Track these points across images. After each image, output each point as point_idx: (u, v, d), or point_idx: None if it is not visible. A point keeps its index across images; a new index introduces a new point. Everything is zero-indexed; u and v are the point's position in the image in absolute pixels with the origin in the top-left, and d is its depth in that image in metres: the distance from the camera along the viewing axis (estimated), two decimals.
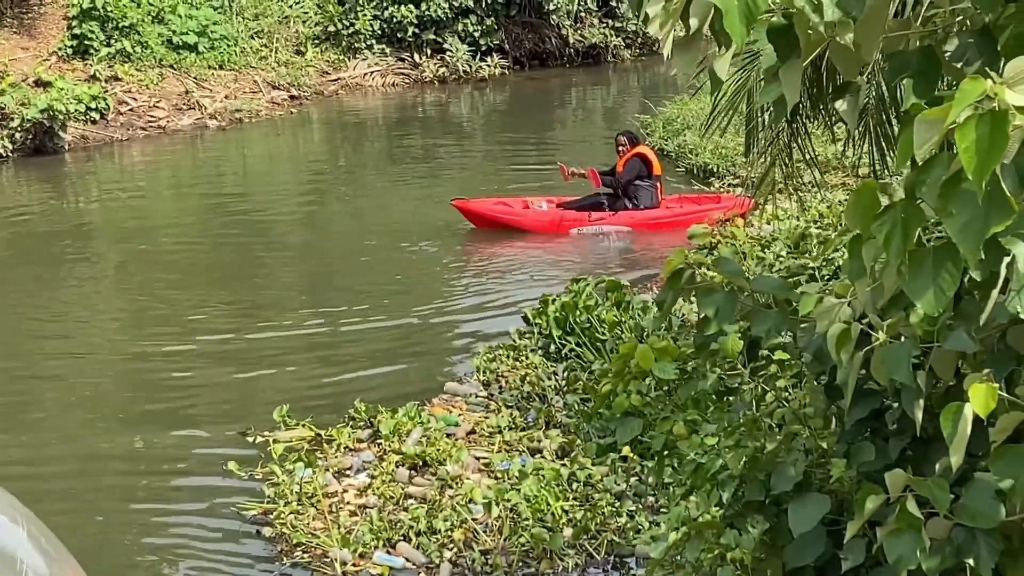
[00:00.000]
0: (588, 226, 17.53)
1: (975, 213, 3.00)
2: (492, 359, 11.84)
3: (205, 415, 11.58)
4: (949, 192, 3.05)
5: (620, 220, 17.45)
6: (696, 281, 5.03)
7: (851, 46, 3.35)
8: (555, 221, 17.75)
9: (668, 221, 17.36)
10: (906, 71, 3.49)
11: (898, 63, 3.52)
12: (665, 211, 17.53)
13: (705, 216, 16.26)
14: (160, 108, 27.56)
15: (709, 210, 16.85)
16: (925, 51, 3.49)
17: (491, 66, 33.09)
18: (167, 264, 16.99)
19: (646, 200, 17.52)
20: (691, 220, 16.11)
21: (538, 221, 17.84)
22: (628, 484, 9.03)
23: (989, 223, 2.99)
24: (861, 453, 4.64)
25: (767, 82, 3.63)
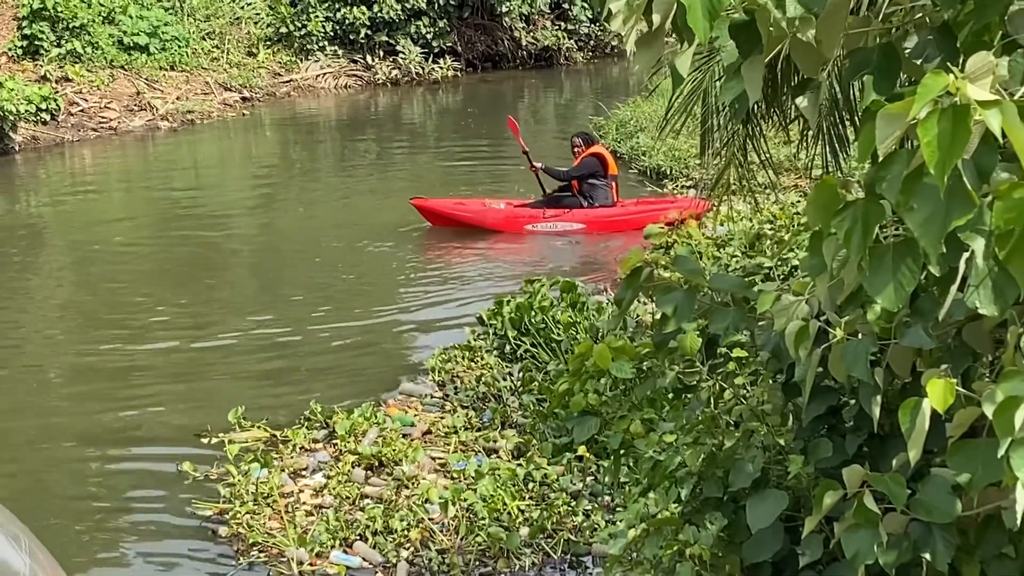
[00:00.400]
0: (543, 223, 17.59)
1: (937, 207, 3.02)
2: (447, 360, 11.84)
3: (159, 417, 11.51)
4: (911, 187, 3.07)
5: (575, 217, 17.52)
6: (654, 279, 5.06)
7: (812, 42, 3.37)
8: (511, 219, 17.82)
9: (623, 220, 17.45)
10: (866, 68, 3.51)
11: (858, 60, 3.54)
12: (620, 210, 17.60)
13: (660, 215, 16.35)
14: (111, 109, 27.41)
15: (664, 209, 16.92)
16: (885, 48, 3.52)
17: (444, 68, 33.08)
18: (119, 266, 16.89)
19: (601, 199, 17.59)
20: (646, 219, 16.30)
21: (494, 219, 17.88)
22: (584, 483, 9.05)
23: (951, 217, 3.02)
24: (819, 449, 4.67)
25: (728, 79, 3.64)
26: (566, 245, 17.32)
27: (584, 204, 17.65)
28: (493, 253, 17.26)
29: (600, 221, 17.55)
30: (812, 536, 4.39)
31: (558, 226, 17.54)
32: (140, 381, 12.52)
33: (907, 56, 3.55)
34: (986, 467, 3.55)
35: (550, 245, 17.39)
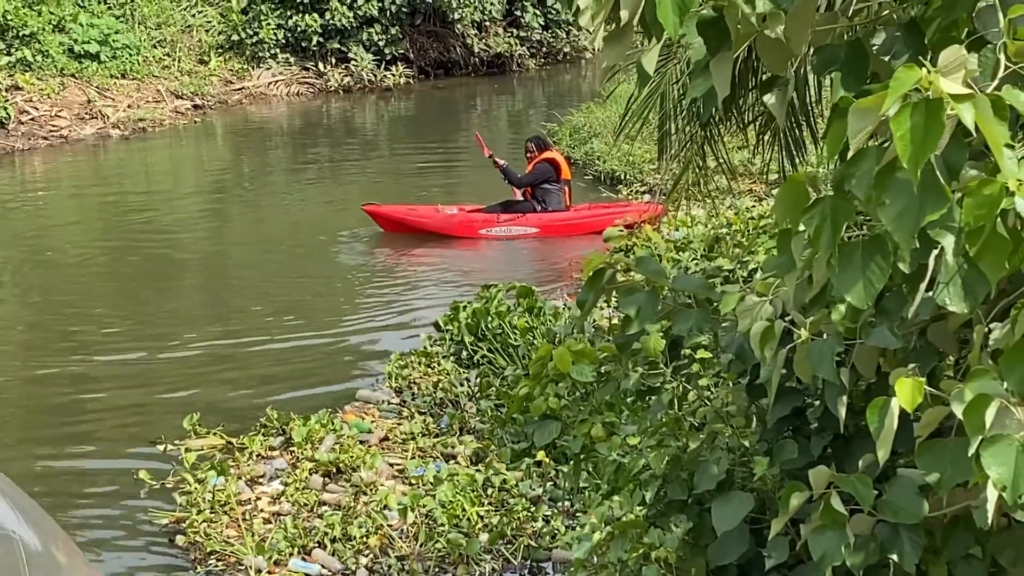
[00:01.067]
0: (498, 227, 17.62)
1: (910, 202, 3.01)
2: (404, 366, 11.78)
3: (112, 426, 11.42)
4: (883, 182, 3.06)
5: (529, 222, 17.59)
6: (617, 281, 5.03)
7: (781, 38, 3.35)
8: (465, 224, 17.82)
9: (576, 223, 17.55)
10: (834, 64, 3.50)
11: (826, 56, 3.53)
12: (574, 214, 17.66)
13: (614, 219, 16.24)
14: (62, 117, 27.19)
15: (618, 213, 16.99)
16: (853, 44, 3.50)
17: (396, 75, 33.01)
18: (69, 275, 16.74)
19: (554, 203, 17.67)
20: (599, 223, 16.61)
21: (447, 224, 17.87)
22: (544, 489, 9.01)
23: (924, 212, 3.01)
24: (784, 451, 4.65)
25: (695, 76, 3.63)
26: (520, 250, 17.31)
27: (537, 208, 17.68)
28: (447, 259, 17.23)
29: (553, 225, 17.59)
30: (778, 538, 4.37)
31: (512, 230, 17.56)
32: (92, 390, 12.39)
33: (875, 53, 3.54)
34: (955, 466, 3.53)
35: (504, 250, 17.39)
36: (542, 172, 17.64)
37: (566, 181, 17.81)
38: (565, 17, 35.75)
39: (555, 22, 35.85)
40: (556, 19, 35.78)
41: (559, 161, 17.81)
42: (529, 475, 9.12)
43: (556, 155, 17.96)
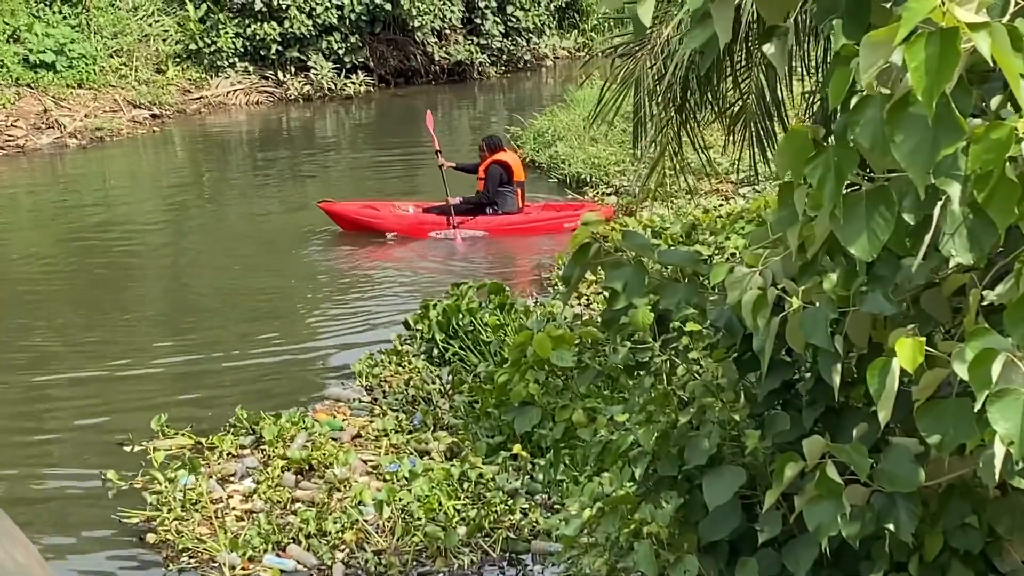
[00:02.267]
0: (447, 229, 17.73)
1: (924, 136, 2.94)
2: (374, 364, 11.72)
3: (75, 431, 11.27)
4: (895, 117, 2.99)
5: (478, 225, 17.72)
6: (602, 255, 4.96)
7: None
8: (415, 224, 17.96)
9: (525, 226, 17.71)
10: (835, 12, 3.43)
11: (827, 4, 3.46)
12: (523, 217, 17.78)
13: (563, 223, 17.18)
14: (18, 127, 26.89)
15: (567, 217, 17.38)
16: None
17: (356, 83, 32.83)
18: (27, 286, 16.48)
19: (505, 205, 17.78)
20: (548, 226, 17.48)
21: (399, 223, 18.02)
22: (521, 482, 8.93)
23: (939, 145, 2.94)
24: (776, 423, 4.59)
25: (694, 26, 3.55)
26: (471, 248, 17.34)
27: (489, 211, 17.80)
28: (409, 257, 17.29)
29: (503, 228, 17.73)
30: (771, 512, 4.31)
31: (462, 233, 17.65)
32: (54, 398, 12.22)
33: None
34: (958, 426, 3.48)
35: (467, 248, 17.40)
36: (495, 176, 17.71)
37: (519, 183, 17.85)
38: (525, 25, 35.73)
39: (515, 30, 35.79)
40: (516, 27, 35.73)
41: (510, 163, 17.82)
42: (505, 468, 9.04)
43: (508, 157, 17.96)
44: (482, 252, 17.31)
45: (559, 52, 38.08)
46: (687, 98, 8.04)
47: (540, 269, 15.88)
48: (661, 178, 9.71)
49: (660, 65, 7.98)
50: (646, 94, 8.33)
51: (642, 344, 5.15)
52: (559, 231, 17.19)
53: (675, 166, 9.01)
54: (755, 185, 15.94)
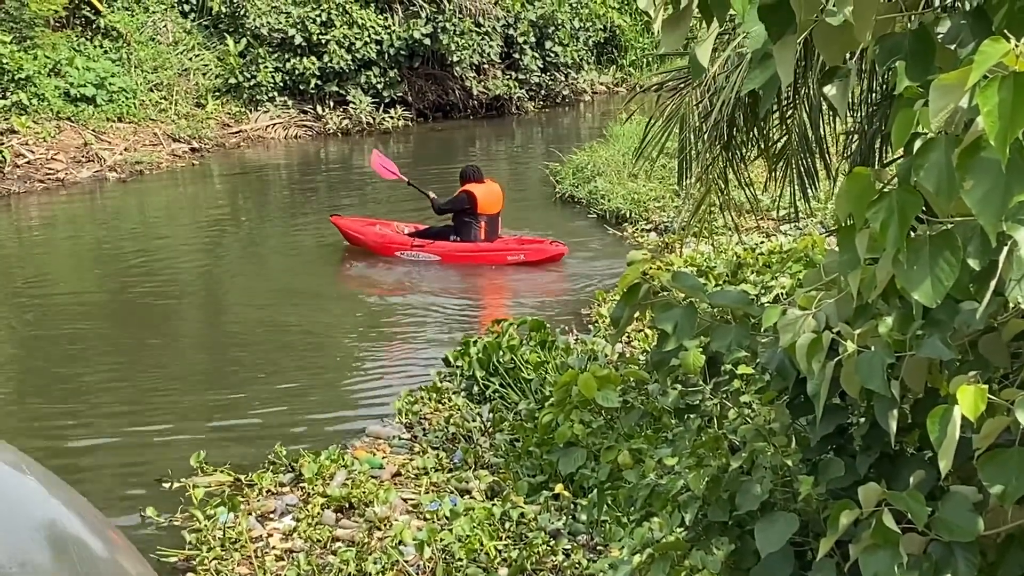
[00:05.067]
0: (408, 251, 18.82)
1: (996, 181, 2.86)
2: (414, 401, 11.67)
3: (114, 465, 11.24)
4: (966, 163, 2.91)
5: (434, 249, 18.74)
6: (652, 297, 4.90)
7: (850, 19, 3.22)
8: (385, 244, 19.06)
9: (472, 255, 18.61)
10: (898, 54, 3.37)
11: (889, 45, 3.39)
12: (472, 247, 18.66)
13: (507, 256, 18.51)
14: (58, 161, 27.03)
15: (511, 251, 18.65)
16: (918, 33, 3.37)
17: (394, 118, 32.91)
18: (66, 319, 16.51)
19: (466, 234, 18.71)
20: (489, 258, 18.60)
21: (376, 240, 19.15)
22: (563, 522, 8.83)
23: (1012, 192, 2.86)
24: (829, 469, 4.50)
25: (754, 66, 3.49)
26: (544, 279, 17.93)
27: (451, 238, 18.75)
28: (468, 290, 17.65)
29: (453, 255, 18.66)
30: (825, 559, 4.22)
31: (419, 256, 18.76)
32: (92, 431, 12.20)
33: (940, 41, 3.42)
34: (1021, 477, 3.39)
35: (527, 280, 17.84)
36: (457, 202, 18.68)
37: (484, 215, 18.68)
38: (564, 60, 35.77)
39: (554, 65, 35.85)
40: (555, 62, 35.79)
41: (476, 195, 18.55)
42: (547, 508, 8.94)
43: (478, 189, 18.65)
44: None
45: (597, 87, 38.11)
46: (733, 135, 7.98)
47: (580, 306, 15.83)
48: (704, 215, 9.66)
49: (706, 102, 7.93)
50: (691, 131, 8.28)
51: (692, 386, 5.07)
52: (501, 262, 18.47)
53: (720, 203, 8.95)
54: (797, 223, 15.84)
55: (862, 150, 8.08)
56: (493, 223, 18.77)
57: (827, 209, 14.47)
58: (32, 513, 3.64)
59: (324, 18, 31.82)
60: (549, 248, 18.60)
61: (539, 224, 20.89)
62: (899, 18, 3.53)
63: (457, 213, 18.66)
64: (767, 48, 3.38)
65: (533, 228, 20.40)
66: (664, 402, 5.15)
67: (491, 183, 18.99)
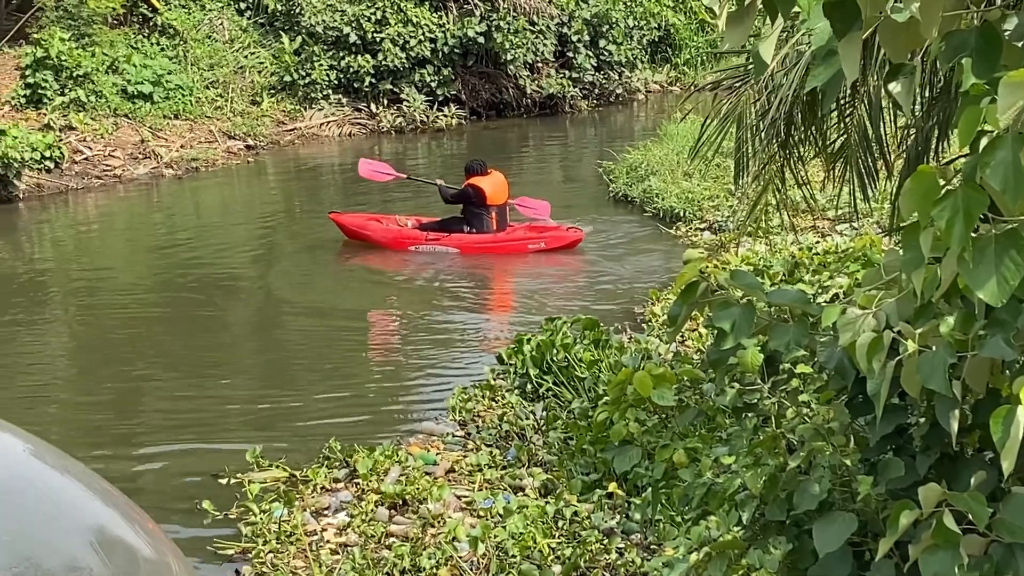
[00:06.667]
0: (424, 244, 19.13)
1: None
2: (467, 399, 11.69)
3: (170, 459, 11.31)
4: None
5: (451, 242, 19.06)
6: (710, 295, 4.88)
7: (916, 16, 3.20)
8: (397, 238, 19.37)
9: (491, 246, 19.07)
10: (964, 51, 3.35)
11: (956, 42, 3.37)
12: (489, 236, 19.17)
13: (527, 245, 19.02)
14: (115, 157, 27.22)
15: (532, 239, 19.13)
16: (984, 29, 3.34)
17: (448, 116, 32.92)
18: (122, 314, 16.65)
19: (478, 226, 19.14)
20: (515, 247, 19.09)
21: (384, 236, 19.44)
22: (617, 521, 8.82)
23: None
24: (889, 469, 4.48)
25: (817, 64, 3.48)
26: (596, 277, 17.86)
27: (465, 229, 19.11)
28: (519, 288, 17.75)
29: (471, 246, 19.01)
30: (884, 560, 4.20)
31: (436, 248, 19.06)
32: (147, 425, 12.32)
33: (1007, 38, 3.39)
34: None
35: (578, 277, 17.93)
36: (463, 195, 19.23)
37: (494, 206, 19.20)
38: (618, 58, 35.69)
39: (607, 63, 35.77)
40: (608, 60, 35.71)
41: (482, 188, 19.08)
42: (601, 507, 8.93)
43: (484, 181, 19.14)
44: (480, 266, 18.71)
45: (651, 86, 38.01)
46: (791, 134, 7.94)
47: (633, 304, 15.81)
48: (759, 214, 9.62)
49: (764, 100, 7.90)
50: (748, 129, 8.25)
51: (750, 385, 5.05)
52: (523, 251, 19.00)
53: (777, 202, 8.91)
54: (852, 222, 15.75)
55: (918, 145, 8.03)
56: (502, 213, 19.41)
57: (883, 209, 14.36)
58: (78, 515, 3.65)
59: (379, 16, 31.88)
60: (568, 234, 19.17)
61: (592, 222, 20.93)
62: (965, 15, 3.51)
63: (467, 205, 19.17)
64: (831, 45, 3.36)
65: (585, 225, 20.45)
66: (720, 401, 5.13)
67: (495, 174, 19.54)
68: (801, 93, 7.33)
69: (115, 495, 3.93)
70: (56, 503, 3.61)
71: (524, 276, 18.15)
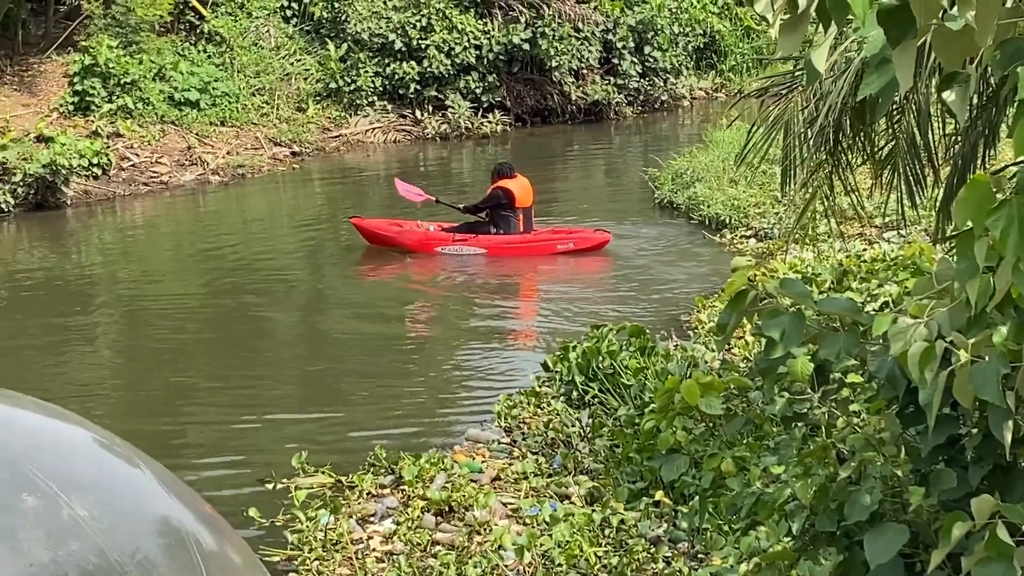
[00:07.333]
0: (452, 246, 19.31)
1: None
2: (513, 406, 11.67)
3: (216, 466, 11.37)
4: None
5: (478, 243, 19.26)
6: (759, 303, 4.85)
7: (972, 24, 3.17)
8: (423, 240, 19.56)
9: (519, 247, 19.36)
10: (1019, 59, 3.32)
11: (1011, 50, 3.34)
12: (519, 238, 19.42)
13: (556, 245, 19.28)
14: (162, 164, 27.38)
15: (560, 239, 19.44)
16: None
17: (493, 123, 32.94)
18: (167, 322, 16.73)
19: (506, 228, 19.33)
20: (542, 247, 19.35)
21: (410, 239, 19.62)
22: (664, 529, 8.79)
23: None
24: (941, 480, 4.44)
25: (870, 72, 3.45)
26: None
27: (492, 231, 19.31)
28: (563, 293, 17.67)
29: (500, 247, 19.23)
30: (936, 572, 4.17)
31: (464, 250, 19.24)
32: (193, 431, 12.38)
33: None
34: None
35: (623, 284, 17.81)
36: (493, 198, 19.44)
37: (521, 209, 19.45)
38: (663, 65, 35.63)
39: (652, 70, 35.70)
40: (653, 67, 35.64)
41: (512, 190, 19.32)
42: (647, 515, 8.89)
43: (512, 184, 19.37)
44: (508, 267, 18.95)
45: (696, 92, 37.91)
46: (839, 141, 7.90)
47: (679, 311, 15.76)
48: (807, 221, 9.58)
49: (812, 107, 7.87)
50: (796, 137, 8.21)
51: (799, 394, 5.02)
52: (552, 252, 19.22)
53: (825, 210, 8.86)
54: (900, 230, 15.65)
55: (964, 153, 7.98)
56: (528, 216, 19.62)
57: (931, 216, 14.29)
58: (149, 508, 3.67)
59: (424, 23, 31.95)
60: (595, 236, 19.47)
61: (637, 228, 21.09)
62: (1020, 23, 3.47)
63: (494, 208, 19.36)
64: (884, 53, 3.33)
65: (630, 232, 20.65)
66: (770, 410, 5.10)
67: (522, 178, 19.68)
68: (851, 100, 7.28)
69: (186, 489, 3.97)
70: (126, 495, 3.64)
71: (565, 282, 18.15)
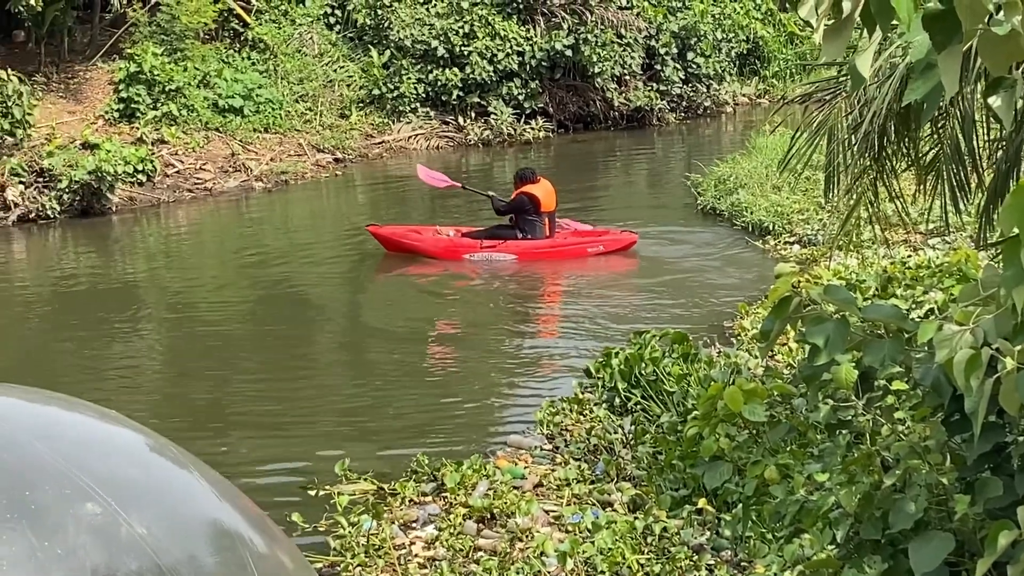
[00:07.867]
0: (480, 252, 19.23)
1: None
2: (555, 412, 11.66)
3: (260, 472, 11.37)
4: None
5: (508, 248, 19.24)
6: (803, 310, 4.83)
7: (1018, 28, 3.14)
8: (449, 248, 19.47)
9: (550, 251, 19.48)
10: None
11: None
12: (548, 242, 19.48)
13: (587, 248, 19.42)
14: (206, 170, 27.49)
15: (590, 242, 19.56)
16: None
17: (535, 129, 32.93)
18: (212, 328, 16.80)
19: (533, 232, 19.32)
20: (572, 251, 19.53)
21: (435, 246, 19.56)
22: (706, 537, 8.75)
23: None
24: (987, 488, 4.42)
25: (915, 78, 3.43)
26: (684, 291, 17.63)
27: (519, 236, 19.25)
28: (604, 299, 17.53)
29: (530, 252, 19.22)
30: None
31: (493, 256, 19.19)
32: (238, 437, 12.41)
33: None
34: None
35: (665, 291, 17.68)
36: (518, 203, 19.42)
37: (547, 213, 19.48)
38: (706, 71, 35.56)
39: (695, 76, 35.64)
40: (696, 73, 35.59)
41: (536, 195, 19.36)
42: (690, 523, 8.85)
43: (536, 189, 19.41)
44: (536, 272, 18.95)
45: (739, 98, 37.83)
46: (884, 147, 7.86)
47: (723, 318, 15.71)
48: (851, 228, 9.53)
49: (856, 113, 7.83)
50: (840, 143, 8.17)
51: (844, 402, 4.99)
52: (583, 255, 19.40)
53: (870, 216, 8.82)
54: (945, 236, 15.55)
55: (1007, 159, 7.92)
56: (552, 220, 19.69)
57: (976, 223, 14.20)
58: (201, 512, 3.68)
59: (467, 30, 32.02)
60: (623, 237, 19.64)
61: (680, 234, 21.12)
62: None
63: (519, 213, 19.34)
64: (930, 58, 3.31)
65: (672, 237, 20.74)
66: (814, 417, 5.08)
67: (545, 182, 19.72)
68: (895, 106, 7.24)
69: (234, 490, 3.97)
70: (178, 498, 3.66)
71: (604, 288, 18.04)
